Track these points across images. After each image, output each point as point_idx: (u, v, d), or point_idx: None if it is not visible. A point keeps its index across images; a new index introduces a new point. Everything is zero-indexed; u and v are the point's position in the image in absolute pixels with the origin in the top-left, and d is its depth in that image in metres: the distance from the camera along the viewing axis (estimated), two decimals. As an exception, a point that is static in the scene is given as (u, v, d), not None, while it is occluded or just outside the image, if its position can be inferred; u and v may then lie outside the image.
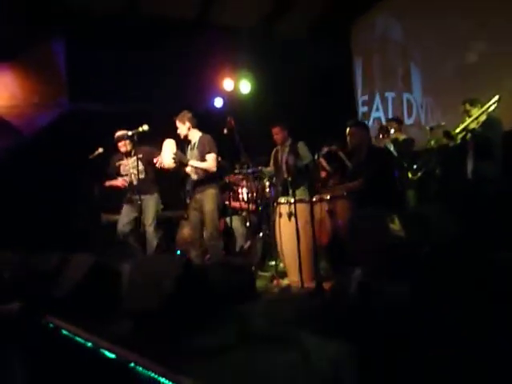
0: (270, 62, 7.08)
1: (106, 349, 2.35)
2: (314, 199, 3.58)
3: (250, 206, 4.61)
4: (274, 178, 4.55)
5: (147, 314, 2.48)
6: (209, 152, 3.93)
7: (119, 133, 4.36)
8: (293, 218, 3.66)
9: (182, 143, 4.16)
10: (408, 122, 6.18)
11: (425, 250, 2.70)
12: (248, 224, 4.66)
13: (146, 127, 3.67)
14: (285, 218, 3.73)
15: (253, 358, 1.97)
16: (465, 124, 4.09)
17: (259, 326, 2.47)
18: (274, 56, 7.12)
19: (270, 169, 4.79)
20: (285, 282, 3.71)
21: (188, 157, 4.07)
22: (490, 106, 3.99)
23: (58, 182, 5.10)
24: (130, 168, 4.37)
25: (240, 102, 6.77)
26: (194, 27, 6.95)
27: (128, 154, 4.39)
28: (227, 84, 6.99)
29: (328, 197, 3.40)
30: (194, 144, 4.07)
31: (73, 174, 5.00)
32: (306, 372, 1.80)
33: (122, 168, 4.42)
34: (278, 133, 4.73)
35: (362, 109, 7.12)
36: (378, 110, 6.84)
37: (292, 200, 3.75)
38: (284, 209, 3.76)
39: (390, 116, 6.28)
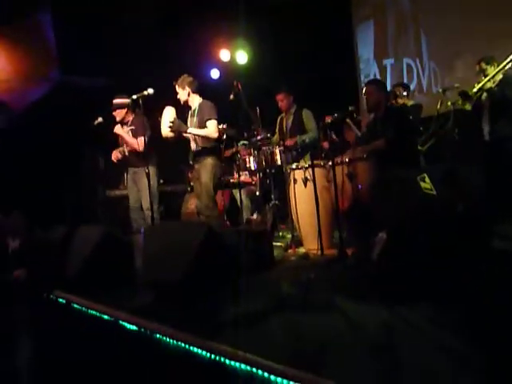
0: (267, 31, 6.80)
1: (125, 321, 2.21)
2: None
3: (259, 175, 4.43)
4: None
5: (169, 283, 2.32)
6: (209, 118, 3.69)
7: (116, 100, 4.10)
8: (309, 184, 3.50)
9: (183, 112, 3.93)
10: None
11: (459, 209, 2.57)
12: (258, 193, 4.49)
13: (151, 90, 3.42)
14: (300, 184, 3.57)
15: (297, 322, 1.83)
16: (481, 83, 3.93)
17: (291, 293, 2.34)
18: (271, 24, 6.84)
19: (276, 137, 4.58)
20: (301, 250, 3.56)
21: (188, 124, 3.80)
22: (507, 64, 3.83)
23: (60, 157, 4.86)
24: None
25: (237, 72, 6.51)
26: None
27: (124, 123, 4.13)
28: (224, 54, 6.71)
29: (347, 159, 3.23)
30: (195, 110, 3.83)
31: (74, 148, 4.76)
32: (356, 338, 1.66)
33: (120, 138, 4.17)
34: (282, 99, 4.51)
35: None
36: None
37: (306, 165, 3.58)
38: (299, 174, 3.59)
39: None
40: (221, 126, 4.18)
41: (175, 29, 6.44)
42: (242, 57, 6.63)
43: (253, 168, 4.31)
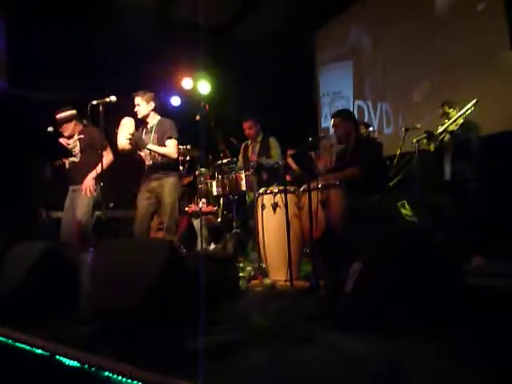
0: (231, 65, 6.79)
1: (64, 355, 1.79)
2: (304, 187, 3.24)
3: (221, 201, 4.16)
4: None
5: (121, 311, 1.95)
6: (170, 137, 3.48)
7: (60, 114, 3.69)
8: (278, 210, 3.29)
9: (137, 127, 3.63)
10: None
11: (439, 239, 2.45)
12: (219, 220, 4.19)
13: (113, 98, 3.12)
14: (269, 210, 3.35)
15: (276, 355, 1.54)
16: (445, 125, 4.05)
17: (264, 324, 2.04)
18: (235, 58, 6.85)
19: (239, 165, 4.39)
20: (267, 280, 3.29)
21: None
22: (469, 108, 3.98)
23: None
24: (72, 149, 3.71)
25: (198, 102, 6.36)
26: (154, 19, 6.49)
27: (71, 137, 3.74)
28: (186, 83, 6.57)
29: (319, 185, 3.07)
30: (152, 128, 3.58)
31: (17, 160, 4.25)
32: (344, 370, 1.42)
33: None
34: (250, 127, 4.37)
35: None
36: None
37: (276, 190, 3.38)
38: (268, 200, 3.38)
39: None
40: (184, 147, 3.94)
41: (136, 49, 6.22)
42: (205, 87, 6.51)
43: (215, 193, 4.04)
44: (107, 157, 3.59)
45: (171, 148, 3.46)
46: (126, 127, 3.35)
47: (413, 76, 5.47)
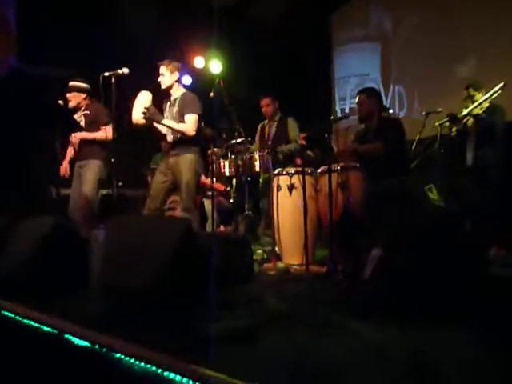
0: (243, 45, 6.61)
1: (73, 334, 1.71)
2: (322, 169, 3.11)
3: (234, 182, 4.05)
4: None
5: (133, 290, 1.86)
6: (191, 112, 3.27)
7: (74, 82, 3.65)
8: (294, 192, 3.18)
9: (159, 101, 3.50)
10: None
11: (467, 227, 2.33)
12: (232, 201, 4.09)
13: (126, 70, 3.00)
14: (284, 191, 3.23)
15: (296, 341, 1.44)
16: (470, 108, 3.87)
17: (281, 308, 1.94)
18: (248, 39, 6.66)
19: (256, 146, 4.25)
20: (281, 264, 3.19)
21: (166, 114, 3.38)
22: (496, 91, 3.79)
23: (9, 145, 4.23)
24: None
25: (210, 81, 6.22)
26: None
27: (77, 109, 3.68)
28: (198, 62, 6.41)
29: (339, 167, 2.94)
30: (175, 100, 3.39)
31: (26, 136, 4.16)
32: (364, 358, 1.33)
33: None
34: (268, 104, 4.19)
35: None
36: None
37: (293, 171, 3.26)
38: (284, 181, 3.26)
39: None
40: (202, 124, 3.82)
41: (148, 26, 6.06)
42: (217, 66, 6.36)
43: (227, 174, 3.93)
44: (103, 133, 3.49)
45: (189, 124, 3.25)
46: (142, 101, 3.21)
47: (433, 60, 5.26)
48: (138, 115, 3.17)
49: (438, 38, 5.17)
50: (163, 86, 3.40)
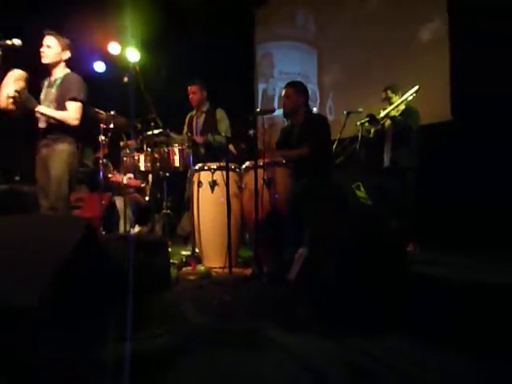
0: (163, 31, 6.22)
1: None
2: (247, 165, 2.91)
3: (150, 178, 3.69)
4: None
5: (19, 309, 1.48)
6: (73, 98, 2.79)
7: None
8: (217, 189, 2.94)
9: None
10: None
11: (393, 225, 2.28)
12: (147, 199, 3.72)
13: (17, 41, 2.48)
14: (206, 188, 2.98)
15: (219, 361, 1.21)
16: (387, 110, 3.95)
17: (202, 321, 1.69)
18: (169, 28, 6.29)
19: (182, 137, 3.90)
20: (201, 267, 2.93)
21: (42, 96, 2.88)
22: (411, 94, 3.92)
23: None
24: None
25: (126, 68, 5.73)
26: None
27: None
28: (113, 48, 5.88)
29: (264, 163, 2.76)
30: (56, 81, 2.89)
31: None
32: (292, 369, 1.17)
33: None
34: (194, 92, 3.84)
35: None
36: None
37: (215, 166, 3.02)
38: (205, 177, 3.00)
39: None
40: (108, 113, 3.40)
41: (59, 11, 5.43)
42: (134, 53, 5.88)
43: (142, 168, 3.55)
44: None
45: (71, 113, 2.77)
46: (13, 82, 2.63)
47: (356, 62, 5.37)
48: (5, 99, 2.61)
49: (361, 39, 5.27)
50: (45, 60, 2.87)
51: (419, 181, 3.94)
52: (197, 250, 3.02)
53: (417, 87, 3.90)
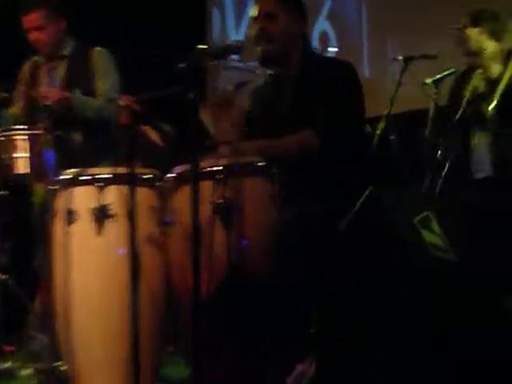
0: None
1: None
2: (179, 172, 1.36)
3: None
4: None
5: None
6: None
7: None
8: (108, 227, 1.32)
9: None
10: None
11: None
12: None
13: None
14: (85, 224, 1.34)
15: None
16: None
17: None
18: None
19: (16, 110, 2.07)
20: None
21: None
22: None
23: None
24: None
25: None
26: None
27: None
28: None
29: (220, 167, 1.23)
30: None
31: None
32: None
33: None
34: (36, 22, 2.03)
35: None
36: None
37: (105, 175, 1.40)
38: (84, 199, 1.36)
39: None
40: None
41: None
42: None
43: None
44: None
45: None
46: None
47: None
48: None
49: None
50: None
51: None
52: (62, 367, 1.35)
53: None
